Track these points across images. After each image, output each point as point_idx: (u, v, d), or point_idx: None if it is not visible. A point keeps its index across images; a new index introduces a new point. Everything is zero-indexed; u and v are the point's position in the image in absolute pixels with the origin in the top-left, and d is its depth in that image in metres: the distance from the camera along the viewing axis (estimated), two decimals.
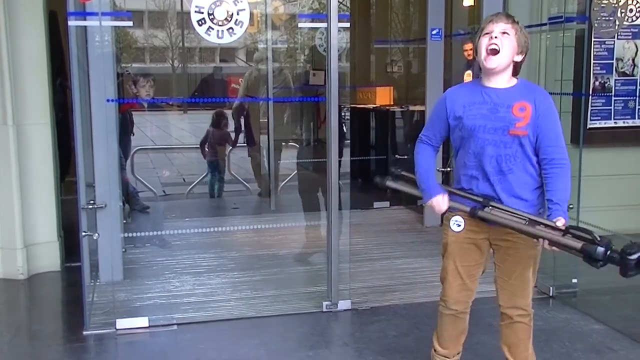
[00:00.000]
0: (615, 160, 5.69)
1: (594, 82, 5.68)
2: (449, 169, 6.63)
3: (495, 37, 2.78)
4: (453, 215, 2.98)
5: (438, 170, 6.51)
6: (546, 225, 2.63)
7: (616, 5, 4.44)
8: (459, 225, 2.96)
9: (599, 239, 2.47)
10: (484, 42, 2.81)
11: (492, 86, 2.87)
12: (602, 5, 4.42)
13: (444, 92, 6.60)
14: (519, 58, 2.87)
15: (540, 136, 2.79)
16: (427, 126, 3.09)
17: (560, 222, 2.62)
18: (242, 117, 8.17)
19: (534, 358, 3.13)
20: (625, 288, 4.25)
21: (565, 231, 2.57)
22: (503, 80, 2.87)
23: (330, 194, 4.34)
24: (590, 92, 5.63)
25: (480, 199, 2.83)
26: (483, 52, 2.81)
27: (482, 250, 3.00)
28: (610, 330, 4.04)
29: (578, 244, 2.48)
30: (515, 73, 2.90)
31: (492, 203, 2.80)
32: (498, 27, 2.80)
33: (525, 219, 2.69)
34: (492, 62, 2.80)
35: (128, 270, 5.05)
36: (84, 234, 4.08)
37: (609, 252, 2.43)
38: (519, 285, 2.96)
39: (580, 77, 5.32)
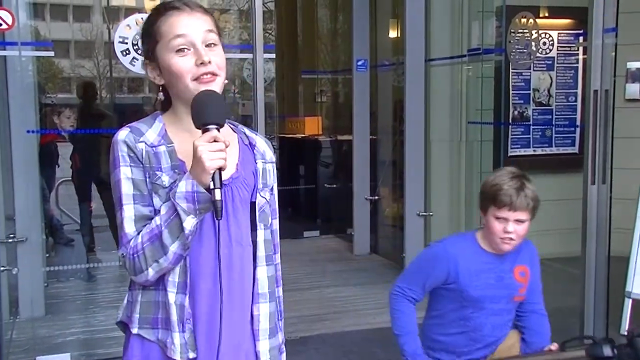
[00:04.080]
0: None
1: (513, 112, 5.89)
2: (376, 197, 6.74)
3: (511, 232, 2.44)
4: None
5: (365, 199, 6.62)
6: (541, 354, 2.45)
7: (529, 38, 4.64)
8: None
9: (595, 339, 2.30)
10: (497, 228, 2.46)
11: (493, 251, 2.54)
12: (517, 38, 4.61)
13: (370, 121, 6.79)
14: None
15: (528, 290, 2.59)
16: (412, 280, 2.61)
17: (554, 346, 2.41)
18: None
19: None
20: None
21: (561, 347, 2.40)
22: None
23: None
24: (510, 122, 5.83)
25: None
26: (497, 238, 2.47)
27: None
28: None
29: (581, 352, 2.30)
30: None
31: None
32: (513, 217, 2.45)
33: None
34: (508, 247, 2.49)
35: (50, 305, 4.89)
36: (2, 268, 3.95)
37: (615, 347, 2.23)
38: None
39: (499, 107, 5.51)
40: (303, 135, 8.74)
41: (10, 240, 4.19)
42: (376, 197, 6.76)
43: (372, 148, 6.75)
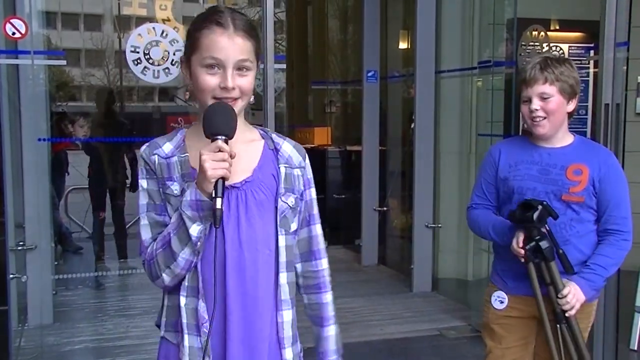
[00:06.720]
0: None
1: (523, 124, 5.85)
2: (385, 208, 6.73)
3: (536, 109, 2.40)
4: (494, 290, 2.58)
5: (374, 210, 6.60)
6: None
7: (540, 50, 4.63)
8: (502, 302, 2.55)
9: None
10: (525, 110, 2.44)
11: (544, 145, 2.49)
12: (528, 50, 4.60)
13: (379, 132, 6.79)
14: (570, 107, 2.49)
15: (600, 203, 2.44)
16: (475, 190, 2.65)
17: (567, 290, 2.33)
18: None
19: None
20: None
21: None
22: (557, 139, 2.49)
23: None
24: (520, 134, 5.80)
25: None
26: (528, 121, 2.45)
27: (529, 327, 2.55)
28: None
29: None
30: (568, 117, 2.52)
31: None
32: (534, 92, 2.40)
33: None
34: (540, 129, 2.43)
35: (59, 313, 4.89)
36: (11, 276, 3.96)
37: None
38: None
39: (509, 119, 5.49)
40: (312, 146, 8.74)
41: (19, 248, 4.21)
42: (385, 208, 6.75)
43: (382, 159, 6.74)
